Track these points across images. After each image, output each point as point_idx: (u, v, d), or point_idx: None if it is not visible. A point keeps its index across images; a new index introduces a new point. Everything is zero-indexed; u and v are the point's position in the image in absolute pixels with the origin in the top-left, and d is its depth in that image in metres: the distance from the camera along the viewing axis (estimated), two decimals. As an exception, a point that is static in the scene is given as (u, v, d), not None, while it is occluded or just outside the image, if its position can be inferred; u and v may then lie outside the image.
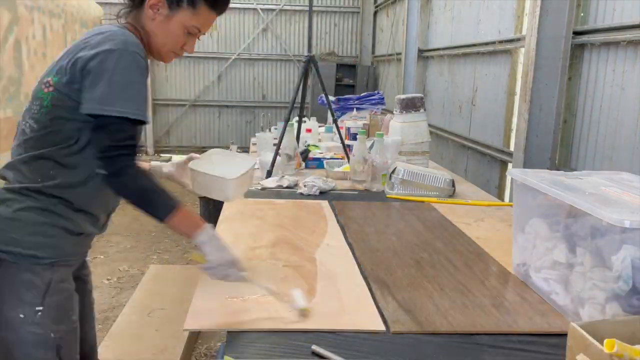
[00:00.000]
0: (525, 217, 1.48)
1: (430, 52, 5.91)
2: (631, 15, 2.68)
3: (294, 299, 1.26)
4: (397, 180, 2.41)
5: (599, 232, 1.15)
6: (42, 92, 1.21)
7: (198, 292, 1.35)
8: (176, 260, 4.27)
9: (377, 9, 8.59)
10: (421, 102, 3.00)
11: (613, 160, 2.79)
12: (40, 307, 1.21)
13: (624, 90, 2.74)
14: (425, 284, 1.46)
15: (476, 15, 4.67)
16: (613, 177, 1.42)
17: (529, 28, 3.30)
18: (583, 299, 1.21)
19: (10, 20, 3.96)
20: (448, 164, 5.01)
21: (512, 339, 1.19)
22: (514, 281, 1.52)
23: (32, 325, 1.20)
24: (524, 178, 1.43)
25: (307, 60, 2.89)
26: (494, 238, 1.88)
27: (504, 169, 4.14)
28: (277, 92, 9.44)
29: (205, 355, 2.87)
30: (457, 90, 5.08)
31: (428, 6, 6.01)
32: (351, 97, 4.22)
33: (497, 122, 4.24)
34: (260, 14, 9.08)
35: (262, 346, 1.12)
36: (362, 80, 8.62)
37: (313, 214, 2.11)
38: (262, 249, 1.69)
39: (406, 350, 1.13)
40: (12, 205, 1.19)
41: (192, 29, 1.33)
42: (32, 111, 1.23)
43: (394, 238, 1.85)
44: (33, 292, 1.20)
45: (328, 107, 3.19)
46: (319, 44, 9.31)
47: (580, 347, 0.90)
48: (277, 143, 2.78)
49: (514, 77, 4.03)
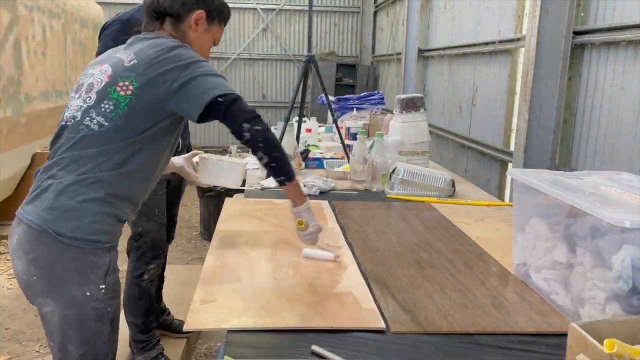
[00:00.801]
0: (525, 217, 1.48)
1: (430, 52, 5.91)
2: (631, 15, 2.68)
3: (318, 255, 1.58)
4: (397, 180, 2.41)
5: (599, 232, 1.15)
6: (118, 93, 1.32)
7: (198, 292, 1.35)
8: (176, 260, 4.27)
9: (377, 9, 8.59)
10: (421, 102, 3.00)
11: (613, 160, 2.79)
12: (103, 285, 1.35)
13: (624, 90, 2.74)
14: (425, 284, 1.46)
15: (476, 15, 4.67)
16: (613, 177, 1.42)
17: (529, 28, 3.30)
18: (583, 299, 1.21)
19: (10, 20, 3.96)
20: (448, 164, 5.01)
21: (512, 339, 1.19)
22: (514, 281, 1.52)
23: (96, 302, 1.34)
24: (524, 178, 1.43)
25: (307, 60, 2.90)
26: (494, 238, 1.88)
27: (504, 169, 4.14)
28: (277, 92, 9.44)
29: (205, 355, 2.87)
30: (457, 90, 5.08)
31: (428, 6, 6.01)
32: (351, 97, 4.22)
33: (497, 122, 4.24)
34: (260, 13, 9.08)
35: (262, 346, 1.12)
36: (362, 80, 8.62)
37: (313, 214, 2.11)
38: (262, 249, 1.69)
39: (406, 350, 1.13)
40: (75, 197, 1.30)
41: (217, 40, 1.59)
42: (102, 109, 1.33)
43: (394, 238, 1.85)
44: (97, 272, 1.34)
45: (328, 107, 3.19)
46: (319, 44, 9.31)
47: (580, 347, 0.90)
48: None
49: (514, 77, 4.03)
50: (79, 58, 5.66)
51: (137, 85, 1.31)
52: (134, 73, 1.32)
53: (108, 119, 1.32)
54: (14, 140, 4.12)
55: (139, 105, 1.32)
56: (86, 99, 1.35)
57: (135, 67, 1.33)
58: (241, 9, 9.02)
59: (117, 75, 1.34)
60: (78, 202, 1.30)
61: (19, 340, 2.96)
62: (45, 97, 4.64)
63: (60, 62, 5.03)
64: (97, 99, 1.33)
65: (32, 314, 3.23)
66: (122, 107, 1.31)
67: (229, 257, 1.61)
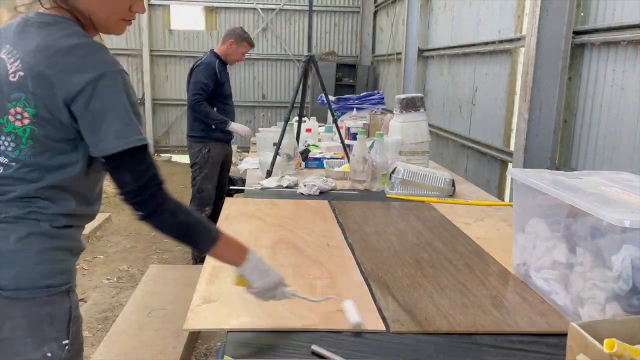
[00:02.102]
0: (525, 217, 1.48)
1: (430, 51, 5.91)
2: (631, 15, 2.68)
3: (346, 312, 1.23)
4: (397, 180, 2.40)
5: (599, 232, 1.15)
6: (11, 123, 1.07)
7: (198, 292, 1.35)
8: (176, 260, 4.27)
9: (377, 9, 8.59)
10: (421, 101, 3.00)
11: (613, 160, 2.79)
12: (66, 340, 1.12)
13: (624, 90, 2.74)
14: (425, 284, 1.46)
15: (476, 15, 4.67)
16: (613, 177, 1.42)
17: (529, 28, 3.30)
18: (583, 299, 1.21)
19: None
20: (448, 164, 5.01)
21: (512, 339, 1.19)
22: (514, 281, 1.52)
23: None
24: (524, 178, 1.43)
25: (307, 60, 2.89)
26: (494, 238, 1.88)
27: (504, 169, 4.14)
28: (277, 91, 9.43)
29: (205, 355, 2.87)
30: (457, 90, 5.08)
31: (428, 6, 6.00)
32: (351, 97, 4.22)
33: (497, 122, 4.24)
34: (260, 13, 9.07)
35: (262, 346, 1.12)
36: (362, 80, 8.62)
37: (313, 214, 2.11)
38: (262, 249, 1.69)
39: (406, 350, 1.13)
40: (8, 236, 1.06)
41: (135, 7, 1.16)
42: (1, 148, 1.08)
43: (394, 238, 1.85)
44: (57, 325, 1.10)
45: (328, 107, 3.19)
46: (319, 44, 9.31)
47: (580, 347, 0.90)
48: (277, 143, 2.78)
49: (514, 77, 4.03)
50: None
51: (34, 112, 1.06)
52: (25, 92, 1.06)
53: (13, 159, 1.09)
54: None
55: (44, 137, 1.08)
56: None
57: (24, 84, 1.06)
58: (241, 9, 9.01)
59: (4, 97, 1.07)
60: (14, 243, 1.06)
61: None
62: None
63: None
64: None
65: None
66: (24, 142, 1.08)
67: (229, 257, 1.60)
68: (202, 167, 3.83)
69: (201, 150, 3.84)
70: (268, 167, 2.66)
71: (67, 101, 1.04)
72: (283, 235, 1.82)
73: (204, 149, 3.82)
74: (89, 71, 1.03)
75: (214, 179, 3.91)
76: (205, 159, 3.83)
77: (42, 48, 1.06)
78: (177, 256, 4.36)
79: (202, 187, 3.84)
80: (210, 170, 3.85)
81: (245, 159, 3.61)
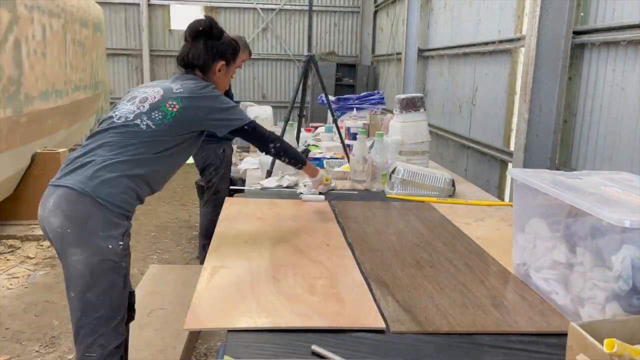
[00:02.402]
0: (525, 217, 1.48)
1: (430, 51, 5.91)
2: (631, 15, 2.68)
3: None
4: (397, 180, 2.41)
5: (599, 232, 1.15)
6: (165, 107, 1.75)
7: (198, 292, 1.35)
8: (176, 260, 4.28)
9: (377, 9, 8.59)
10: (421, 101, 3.00)
11: (613, 160, 2.79)
12: (121, 242, 1.65)
13: (624, 90, 2.74)
14: (425, 284, 1.46)
15: (476, 15, 4.67)
16: (613, 177, 1.42)
17: (529, 28, 3.30)
18: (583, 298, 1.21)
19: (10, 20, 3.96)
20: (448, 164, 5.01)
21: (512, 338, 1.19)
22: (514, 281, 1.52)
23: (115, 255, 1.63)
24: (524, 178, 1.43)
25: (307, 60, 2.89)
26: (494, 238, 1.88)
27: (504, 169, 4.14)
28: (277, 91, 9.44)
29: (205, 355, 2.87)
30: (457, 90, 5.08)
31: (428, 6, 6.01)
32: (351, 97, 4.22)
33: (497, 122, 4.24)
34: (260, 13, 9.08)
35: (262, 346, 1.12)
36: (362, 80, 8.63)
37: (313, 213, 2.11)
38: (262, 249, 1.69)
39: (406, 350, 1.13)
40: (113, 171, 1.65)
41: (237, 68, 2.11)
42: (153, 116, 1.73)
43: (394, 238, 1.85)
44: (119, 231, 1.65)
45: (328, 107, 3.19)
46: (319, 44, 9.31)
47: (580, 347, 0.90)
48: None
49: (514, 77, 4.03)
50: (79, 58, 5.66)
51: (182, 106, 1.75)
52: (180, 97, 1.77)
53: (156, 124, 1.73)
54: (14, 140, 4.12)
55: (179, 119, 1.75)
56: (140, 107, 1.76)
57: (181, 94, 1.78)
58: (241, 9, 9.02)
59: (167, 96, 1.77)
60: (115, 176, 1.65)
61: (19, 340, 2.96)
62: (45, 97, 4.63)
63: (60, 62, 5.03)
64: (150, 109, 1.75)
65: (32, 314, 3.23)
66: (168, 118, 1.74)
67: (229, 257, 1.61)
68: (219, 167, 3.76)
69: (216, 151, 3.73)
70: (268, 167, 2.66)
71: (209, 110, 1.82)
72: (283, 235, 1.83)
73: (219, 149, 3.73)
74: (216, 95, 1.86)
75: (228, 179, 3.90)
76: (221, 159, 3.76)
77: (193, 82, 1.85)
78: (177, 256, 4.36)
79: (218, 188, 3.78)
80: (225, 170, 3.83)
81: (245, 159, 3.60)
